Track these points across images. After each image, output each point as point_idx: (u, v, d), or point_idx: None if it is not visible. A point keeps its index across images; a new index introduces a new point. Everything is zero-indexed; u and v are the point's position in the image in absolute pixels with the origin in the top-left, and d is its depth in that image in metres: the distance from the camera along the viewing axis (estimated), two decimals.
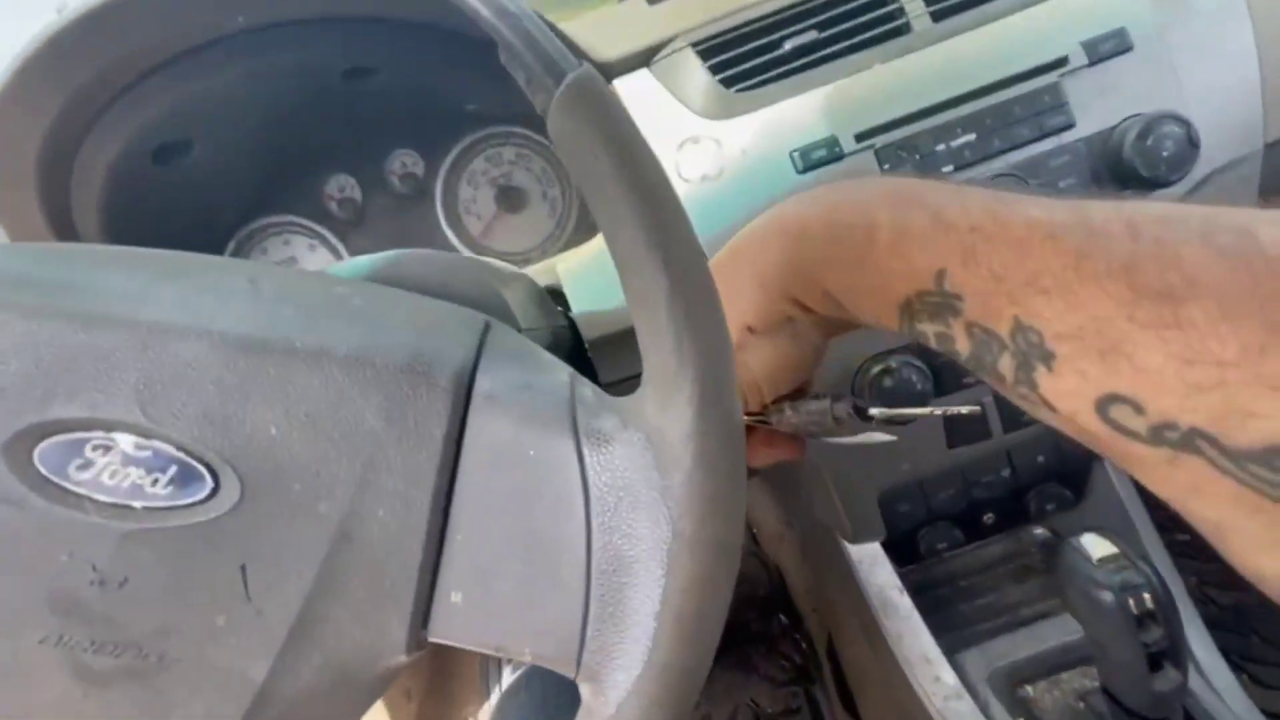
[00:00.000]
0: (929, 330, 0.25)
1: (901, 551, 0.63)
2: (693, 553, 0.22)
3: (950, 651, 0.58)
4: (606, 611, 0.23)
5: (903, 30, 0.47)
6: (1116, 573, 0.42)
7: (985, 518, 0.63)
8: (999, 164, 0.45)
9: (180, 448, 0.23)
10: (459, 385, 0.24)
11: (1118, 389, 0.20)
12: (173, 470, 0.23)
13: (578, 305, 0.47)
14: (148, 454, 0.23)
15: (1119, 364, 0.20)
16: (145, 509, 0.23)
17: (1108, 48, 0.44)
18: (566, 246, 0.59)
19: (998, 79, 0.45)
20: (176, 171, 0.50)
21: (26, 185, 0.44)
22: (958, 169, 0.45)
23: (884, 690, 0.66)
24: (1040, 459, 0.56)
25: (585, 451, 0.23)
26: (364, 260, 0.36)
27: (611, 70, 0.50)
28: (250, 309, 0.25)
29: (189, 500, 0.23)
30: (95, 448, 0.23)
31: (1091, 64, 0.45)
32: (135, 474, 0.23)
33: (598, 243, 0.49)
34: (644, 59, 0.50)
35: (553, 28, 0.47)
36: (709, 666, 0.23)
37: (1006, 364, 0.23)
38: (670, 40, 0.49)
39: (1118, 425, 0.20)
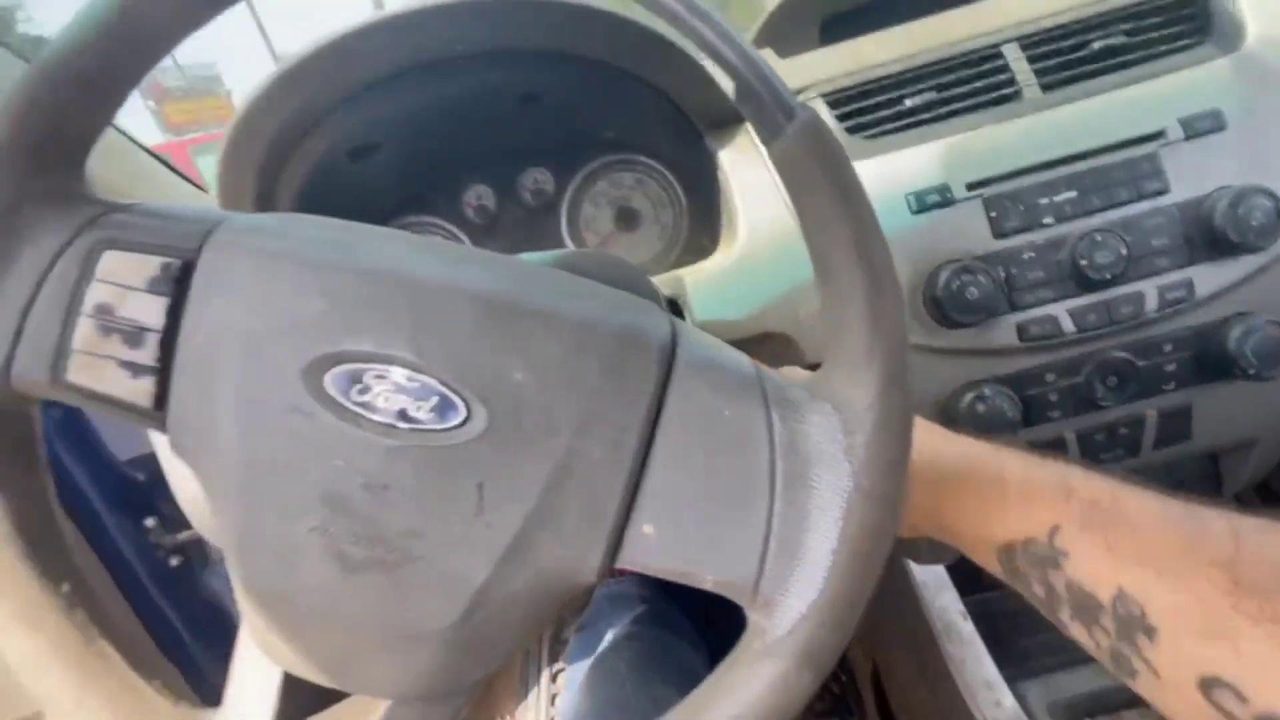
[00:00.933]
0: (1028, 574, 0.28)
1: (964, 579, 0.66)
2: (870, 502, 0.27)
3: (1010, 681, 0.60)
4: (786, 549, 0.27)
5: (1014, 97, 0.53)
6: None
7: None
8: (1097, 220, 0.50)
9: (442, 382, 0.28)
10: (664, 354, 0.29)
11: (1221, 674, 0.22)
12: (434, 400, 0.28)
13: (700, 314, 0.53)
14: (416, 385, 0.28)
15: (1221, 649, 0.22)
16: (409, 429, 0.28)
17: (1203, 125, 0.49)
18: (673, 266, 0.64)
19: (1100, 145, 0.50)
20: (363, 168, 0.58)
21: (249, 170, 0.52)
22: (1059, 221, 0.50)
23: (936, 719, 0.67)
24: None
25: (773, 415, 0.28)
26: (549, 254, 0.43)
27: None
28: (496, 276, 0.30)
29: (445, 425, 0.28)
30: (374, 376, 0.28)
31: (1188, 139, 0.49)
32: (403, 400, 0.28)
33: (720, 260, 0.55)
34: None
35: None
36: (867, 604, 0.28)
37: (1106, 626, 0.26)
38: (803, 89, 0.56)
39: (1220, 708, 0.22)
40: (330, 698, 0.34)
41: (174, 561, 0.88)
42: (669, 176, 0.70)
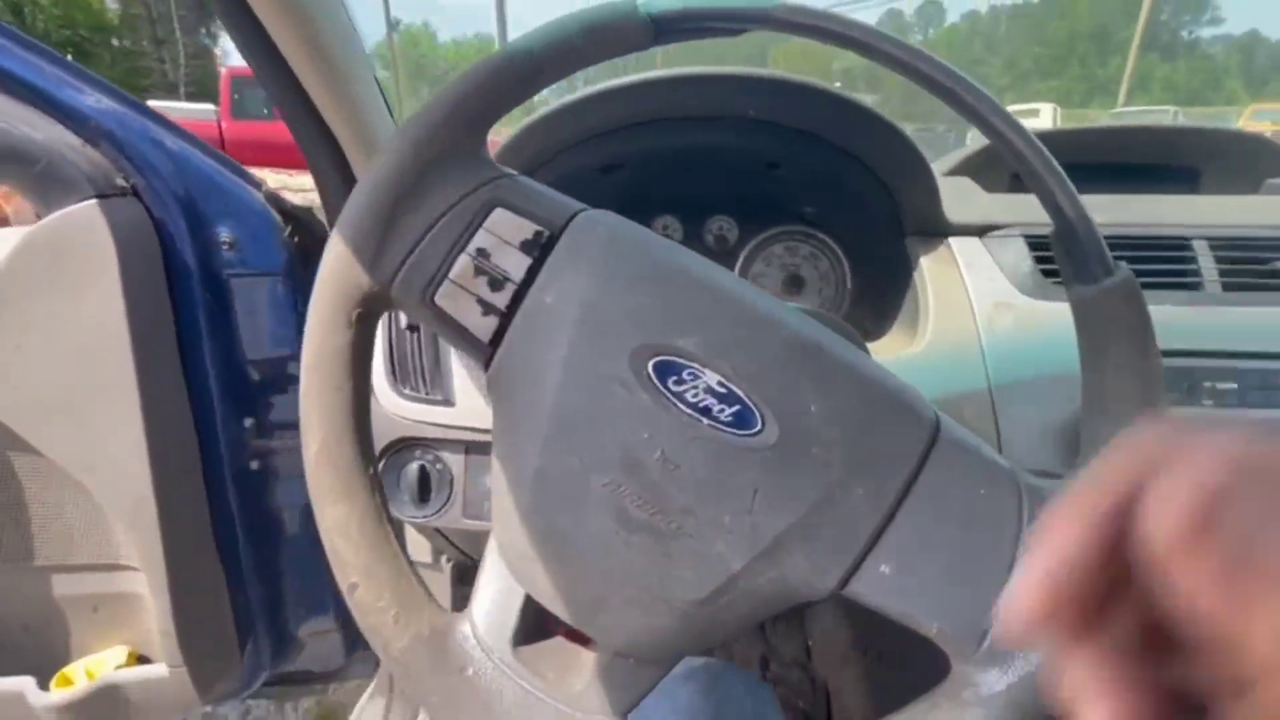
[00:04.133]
0: None
1: None
2: None
3: None
4: None
5: (1196, 287, 0.59)
6: None
7: None
8: (1248, 415, 0.55)
9: (748, 395, 0.32)
10: (932, 427, 0.33)
11: None
12: (737, 408, 0.32)
13: None
14: (724, 391, 0.32)
15: None
16: (710, 425, 0.32)
17: None
18: None
19: (1266, 351, 0.56)
20: (604, 181, 0.65)
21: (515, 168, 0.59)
22: (1215, 405, 0.55)
23: None
24: None
25: (1025, 503, 0.33)
26: (808, 309, 0.48)
27: (952, 229, 0.63)
28: (808, 323, 0.35)
29: (741, 431, 0.32)
30: (691, 374, 0.32)
31: None
32: (711, 400, 0.32)
33: (903, 352, 0.60)
34: (978, 231, 0.63)
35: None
36: None
37: None
38: (1005, 225, 0.62)
39: None
40: (550, 630, 0.38)
41: (254, 465, 0.91)
42: (843, 259, 0.76)
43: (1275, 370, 0.56)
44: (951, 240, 0.62)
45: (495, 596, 0.36)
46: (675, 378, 0.33)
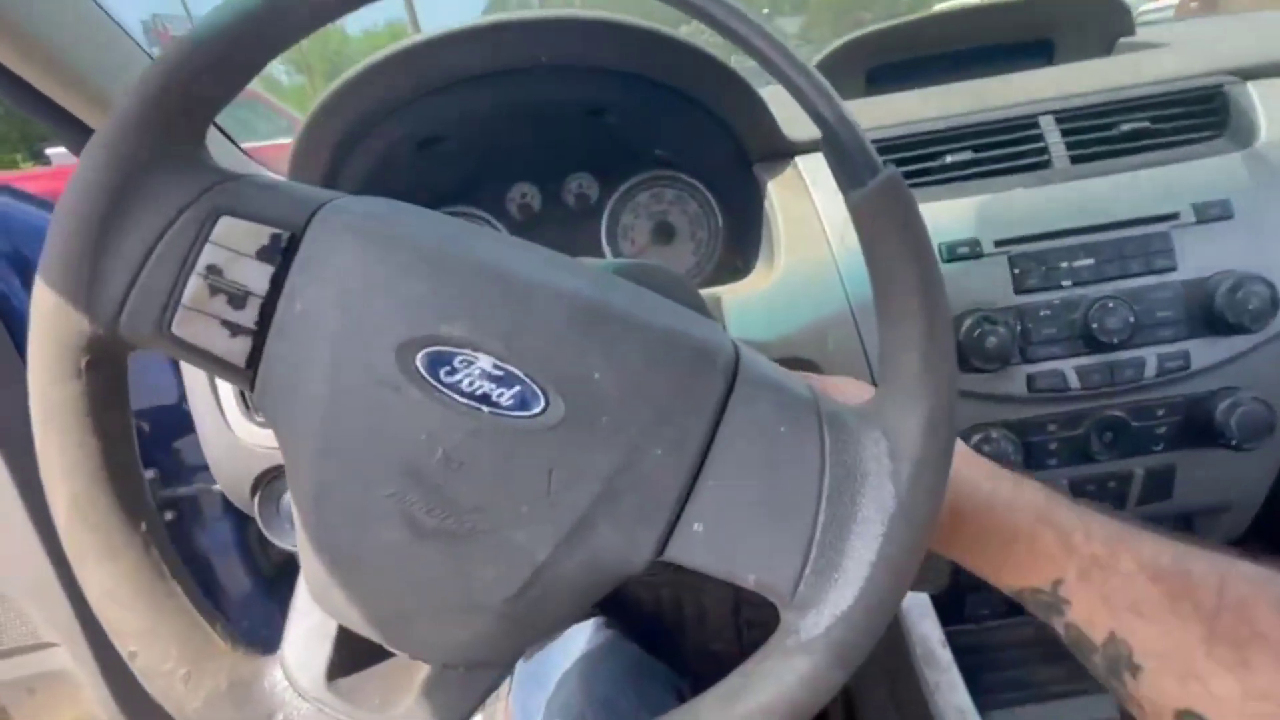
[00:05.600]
0: (1034, 613, 0.33)
1: (945, 612, 0.69)
2: (909, 523, 0.29)
3: (981, 710, 0.64)
4: (827, 557, 0.30)
5: (1045, 165, 0.57)
6: None
7: None
8: (1109, 288, 0.54)
9: (526, 374, 0.30)
10: (729, 370, 0.31)
11: (1193, 707, 0.26)
12: (517, 389, 0.30)
13: (734, 333, 0.56)
14: (501, 373, 0.29)
15: (1195, 687, 0.26)
16: (490, 413, 0.30)
17: (1213, 213, 0.54)
18: (705, 283, 0.67)
19: (1118, 219, 0.54)
20: (427, 158, 0.61)
21: (324, 148, 0.54)
22: (1075, 284, 0.54)
23: None
24: None
25: (827, 435, 0.31)
26: (617, 262, 0.45)
27: (796, 147, 0.60)
28: (586, 281, 0.33)
29: (524, 413, 0.30)
30: (463, 361, 0.30)
31: (1198, 223, 0.54)
32: (488, 386, 0.30)
33: (758, 284, 0.58)
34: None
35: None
36: (891, 615, 0.31)
37: (1098, 661, 0.30)
38: None
39: None
40: (378, 656, 0.36)
41: (168, 516, 0.88)
42: (709, 198, 0.73)
43: (1130, 239, 0.54)
44: (798, 160, 0.59)
45: (307, 631, 0.34)
46: (447, 368, 0.30)
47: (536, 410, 0.30)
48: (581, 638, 0.68)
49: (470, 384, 0.30)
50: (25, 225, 0.75)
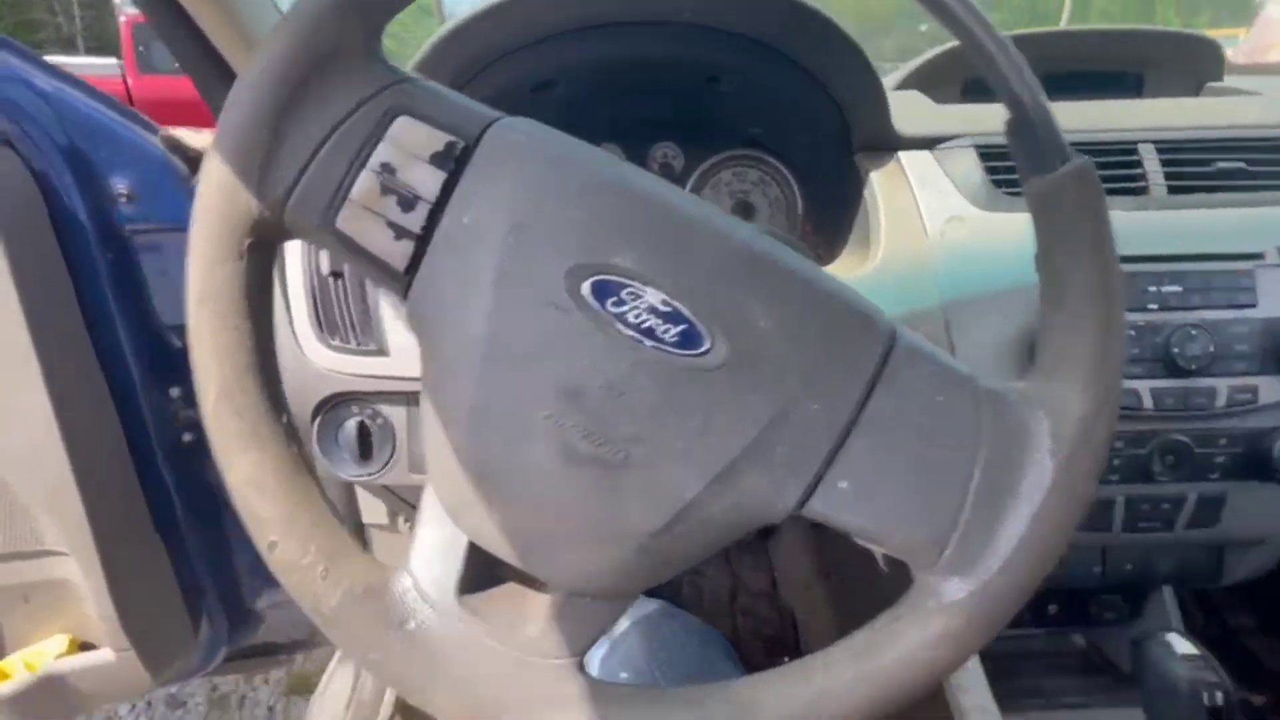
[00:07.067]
0: None
1: None
2: (1065, 502, 0.30)
3: (1003, 712, 0.65)
4: (979, 527, 0.30)
5: (1142, 191, 0.58)
6: (1196, 670, 0.51)
7: (1050, 607, 0.72)
8: (1192, 316, 0.56)
9: (693, 313, 0.30)
10: (888, 338, 0.31)
11: None
12: (683, 327, 0.30)
13: None
14: (669, 310, 0.30)
15: None
16: (653, 347, 0.30)
17: None
18: None
19: (1207, 252, 0.56)
20: (536, 102, 0.60)
21: (442, 81, 0.53)
22: (1161, 309, 0.56)
23: None
24: (1129, 567, 0.65)
25: (983, 408, 0.32)
26: (766, 227, 0.45)
27: (902, 142, 0.61)
28: (754, 235, 0.33)
29: (688, 351, 0.30)
30: (630, 293, 0.30)
31: None
32: (654, 320, 0.30)
33: (856, 272, 0.58)
34: (928, 143, 0.61)
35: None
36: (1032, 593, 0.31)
37: None
38: (956, 136, 0.60)
39: None
40: (496, 575, 0.35)
41: (187, 437, 0.85)
42: (792, 183, 0.73)
43: (1217, 271, 0.56)
44: (901, 155, 0.60)
45: (435, 545, 0.34)
46: (614, 298, 0.30)
47: (700, 350, 0.30)
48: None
49: (637, 316, 0.30)
50: (84, 119, 0.72)
